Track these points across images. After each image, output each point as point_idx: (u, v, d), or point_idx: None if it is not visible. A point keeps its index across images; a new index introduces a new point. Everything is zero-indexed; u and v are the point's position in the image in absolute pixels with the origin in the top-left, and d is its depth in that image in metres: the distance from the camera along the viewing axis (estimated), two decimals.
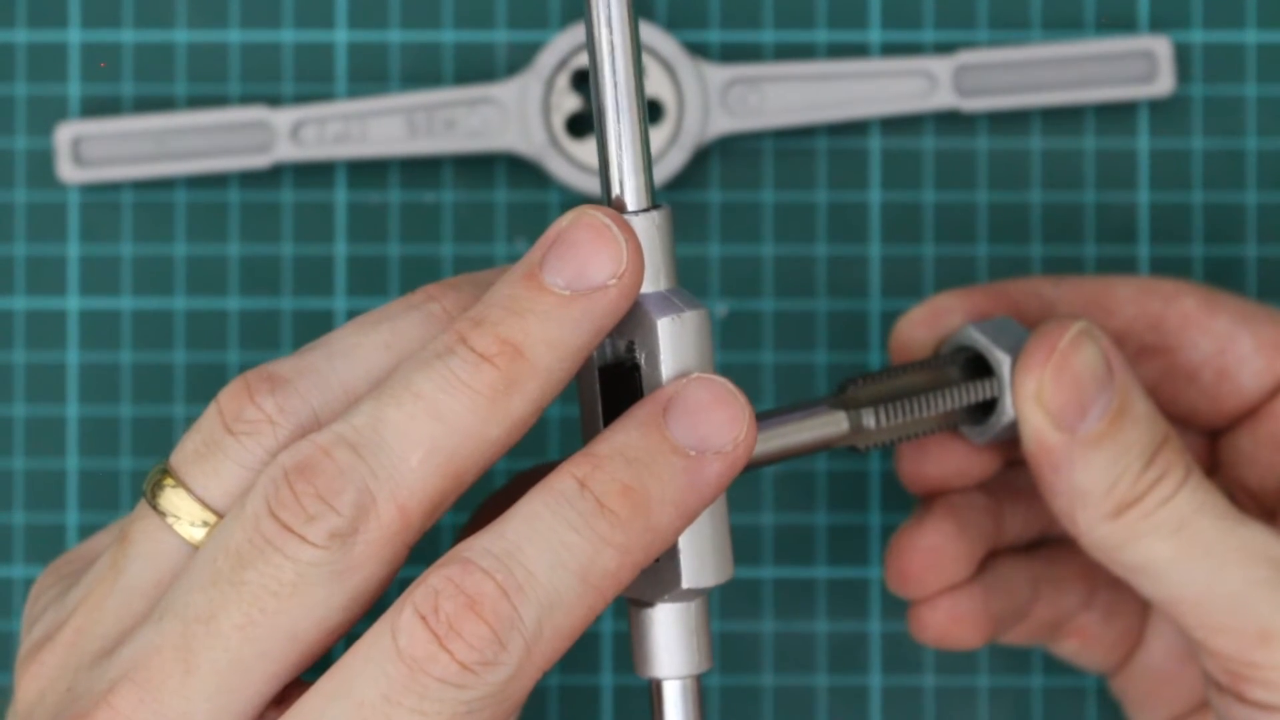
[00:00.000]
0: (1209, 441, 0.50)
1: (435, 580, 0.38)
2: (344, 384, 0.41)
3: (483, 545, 0.38)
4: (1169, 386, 0.48)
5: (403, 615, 0.38)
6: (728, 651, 0.55)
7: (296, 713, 0.39)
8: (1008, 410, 0.46)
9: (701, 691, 0.42)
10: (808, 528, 0.55)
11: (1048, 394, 0.44)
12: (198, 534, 0.40)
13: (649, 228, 0.41)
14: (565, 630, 0.38)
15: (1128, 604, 0.50)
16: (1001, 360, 0.46)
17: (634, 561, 0.39)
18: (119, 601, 0.41)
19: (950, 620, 0.48)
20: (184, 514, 0.41)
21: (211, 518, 0.40)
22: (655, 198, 0.41)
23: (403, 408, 0.39)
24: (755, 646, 0.55)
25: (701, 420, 0.39)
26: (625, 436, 0.39)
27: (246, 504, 0.39)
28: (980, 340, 0.46)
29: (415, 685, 0.38)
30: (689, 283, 0.55)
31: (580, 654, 0.55)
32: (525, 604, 0.38)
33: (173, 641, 0.39)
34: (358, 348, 0.41)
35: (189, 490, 0.41)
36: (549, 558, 0.38)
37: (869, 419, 0.45)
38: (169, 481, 0.41)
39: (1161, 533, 0.44)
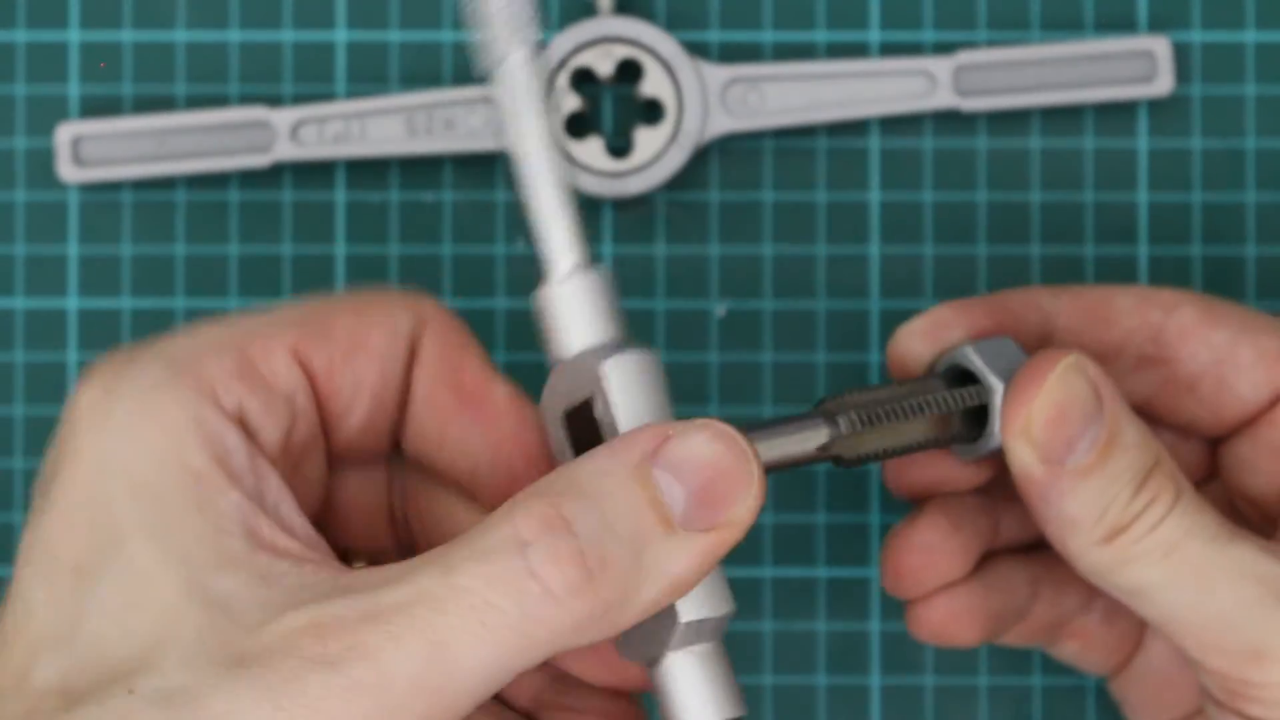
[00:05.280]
0: (1209, 449, 0.50)
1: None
2: None
3: None
4: (1168, 396, 0.48)
5: None
6: (727, 651, 0.55)
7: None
8: (995, 435, 0.45)
9: None
10: (808, 528, 0.55)
11: (1035, 430, 0.44)
12: None
13: (584, 286, 0.41)
14: None
15: (1128, 607, 0.50)
16: (994, 387, 0.45)
17: None
18: None
19: (948, 617, 0.48)
20: None
21: None
22: (588, 257, 0.41)
23: None
24: (755, 646, 0.55)
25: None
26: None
27: None
28: (975, 363, 0.46)
29: None
30: (689, 283, 0.55)
31: None
32: None
33: None
34: None
35: None
36: None
37: (844, 423, 0.44)
38: None
39: (1152, 557, 0.44)
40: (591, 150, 0.54)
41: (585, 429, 0.41)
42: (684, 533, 0.39)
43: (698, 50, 0.55)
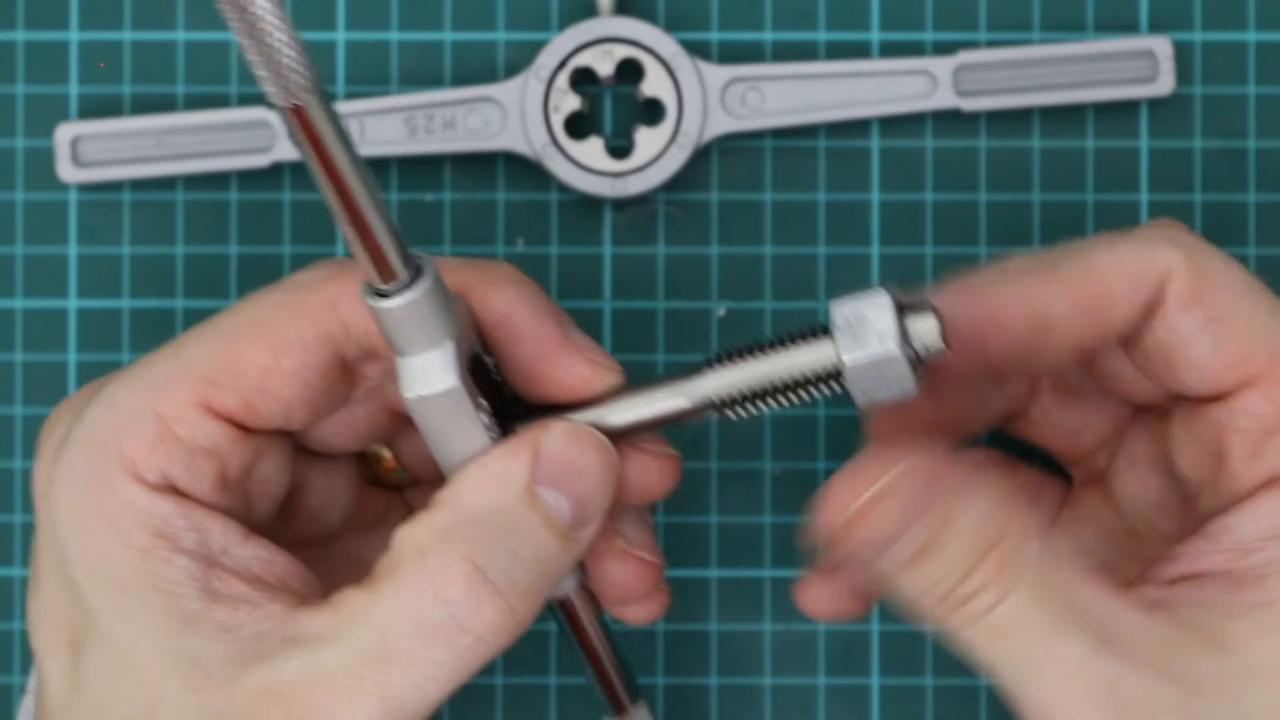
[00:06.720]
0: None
1: None
2: None
3: None
4: (1116, 355, 0.48)
5: None
6: (727, 651, 0.55)
7: None
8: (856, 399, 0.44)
9: None
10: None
11: (848, 529, 0.44)
12: None
13: (414, 301, 0.42)
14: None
15: None
16: (842, 359, 0.43)
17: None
18: None
19: (835, 609, 0.49)
20: None
21: None
22: (409, 265, 0.42)
23: None
24: (755, 646, 0.55)
25: None
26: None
27: None
28: (832, 322, 0.44)
29: None
30: (689, 283, 0.55)
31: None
32: None
33: None
34: None
35: None
36: None
37: (705, 368, 0.44)
38: None
39: (981, 638, 0.44)
40: (591, 150, 0.54)
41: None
42: (575, 535, 0.44)
43: (698, 50, 0.55)
